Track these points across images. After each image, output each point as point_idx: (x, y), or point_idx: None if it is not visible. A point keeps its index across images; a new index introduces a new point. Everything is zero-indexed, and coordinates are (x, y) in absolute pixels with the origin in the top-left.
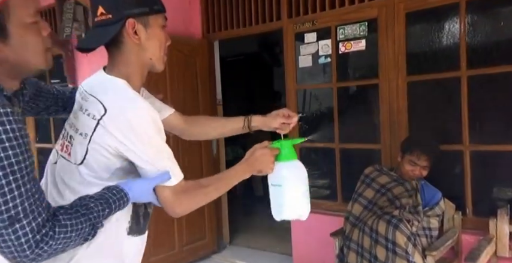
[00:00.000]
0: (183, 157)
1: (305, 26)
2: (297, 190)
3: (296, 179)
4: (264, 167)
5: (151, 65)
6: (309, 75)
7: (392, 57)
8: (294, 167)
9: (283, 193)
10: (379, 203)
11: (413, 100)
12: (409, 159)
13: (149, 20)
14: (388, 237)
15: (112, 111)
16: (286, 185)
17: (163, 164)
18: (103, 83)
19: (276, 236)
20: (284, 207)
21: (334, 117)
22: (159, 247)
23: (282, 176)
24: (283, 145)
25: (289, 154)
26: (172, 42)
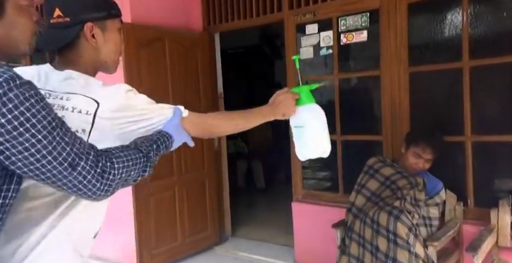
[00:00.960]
0: (185, 152)
1: (306, 18)
2: (318, 129)
3: (317, 119)
4: (287, 110)
5: (105, 67)
6: (311, 67)
7: (394, 48)
8: (313, 109)
9: (306, 133)
10: (382, 195)
11: (415, 91)
12: (413, 151)
13: (107, 24)
14: (389, 228)
15: (104, 102)
16: (308, 125)
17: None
18: (71, 79)
19: (277, 228)
20: (308, 146)
21: (336, 109)
22: (162, 239)
23: (304, 118)
24: (302, 90)
25: (308, 98)
26: (173, 36)
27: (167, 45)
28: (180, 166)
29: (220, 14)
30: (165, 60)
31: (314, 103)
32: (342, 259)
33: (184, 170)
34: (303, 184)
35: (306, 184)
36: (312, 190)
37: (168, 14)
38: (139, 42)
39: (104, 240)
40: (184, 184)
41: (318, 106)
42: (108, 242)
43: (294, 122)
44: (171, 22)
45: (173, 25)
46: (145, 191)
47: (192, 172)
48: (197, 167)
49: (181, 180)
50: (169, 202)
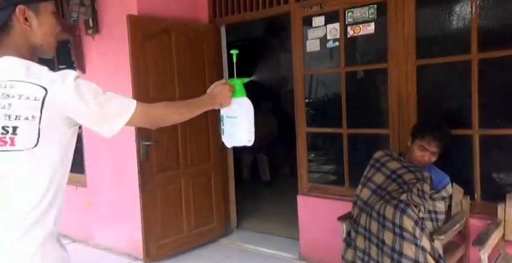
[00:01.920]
0: (191, 145)
1: (313, 10)
2: (248, 121)
3: (248, 112)
4: (224, 100)
5: (42, 51)
6: (317, 59)
7: (401, 41)
8: (246, 103)
9: (238, 123)
10: (388, 189)
11: (423, 84)
12: (419, 144)
13: (40, 7)
14: (395, 222)
15: (52, 88)
16: (240, 116)
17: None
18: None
19: (282, 220)
20: (238, 135)
21: (342, 102)
22: (168, 230)
23: (236, 109)
24: (236, 83)
25: (241, 91)
26: (179, 27)
27: (173, 37)
28: (186, 158)
29: (226, 6)
30: (172, 52)
31: (245, 97)
32: (347, 252)
33: (190, 163)
34: (309, 177)
35: (312, 177)
36: (317, 183)
37: (175, 6)
38: (145, 34)
39: (110, 230)
40: (190, 176)
41: (248, 100)
42: (114, 232)
43: (227, 112)
44: (177, 14)
45: (179, 17)
46: (152, 183)
47: (198, 164)
48: (203, 159)
49: (187, 172)
50: (175, 194)
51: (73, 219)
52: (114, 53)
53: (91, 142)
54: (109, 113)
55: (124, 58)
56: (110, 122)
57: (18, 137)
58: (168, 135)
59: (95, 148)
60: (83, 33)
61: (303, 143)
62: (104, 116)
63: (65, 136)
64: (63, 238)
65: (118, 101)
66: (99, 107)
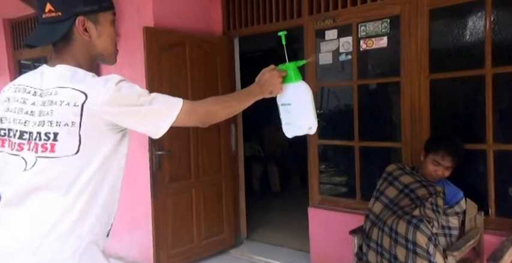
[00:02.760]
0: (202, 153)
1: (326, 23)
2: (305, 106)
3: (304, 96)
4: (274, 87)
5: (102, 59)
6: (329, 72)
7: (414, 55)
8: (300, 86)
9: (293, 110)
10: (400, 204)
11: (436, 98)
12: (432, 159)
13: (99, 17)
14: (408, 237)
15: (92, 93)
16: (295, 102)
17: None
18: (61, 73)
19: (293, 232)
20: (295, 123)
21: (354, 115)
22: (178, 240)
23: (291, 95)
24: (288, 67)
25: (295, 75)
26: (194, 39)
27: (188, 49)
28: (198, 168)
29: (240, 18)
30: (186, 63)
31: (301, 80)
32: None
33: (202, 173)
34: (320, 189)
35: (323, 189)
36: (328, 195)
37: (190, 18)
38: (161, 46)
39: (122, 239)
40: (201, 186)
41: (305, 83)
42: (126, 241)
43: (281, 100)
44: (192, 26)
45: (194, 29)
46: (164, 193)
47: (209, 175)
48: (214, 169)
49: (199, 182)
50: (186, 204)
51: None
52: (129, 64)
53: None
54: (154, 112)
55: (139, 69)
56: (157, 122)
57: (58, 144)
58: (180, 145)
59: None
60: None
61: (314, 155)
62: (149, 117)
63: (110, 142)
64: None
65: (163, 99)
66: (144, 108)
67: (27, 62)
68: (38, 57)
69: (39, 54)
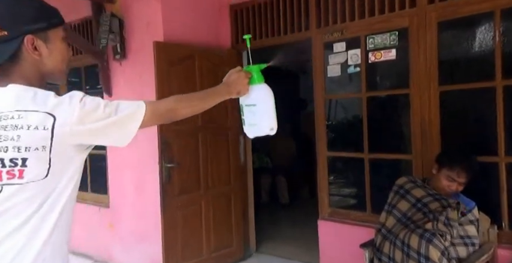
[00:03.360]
0: (211, 165)
1: (334, 36)
2: (268, 108)
3: (267, 98)
4: (241, 88)
5: (52, 78)
6: (338, 84)
7: (424, 67)
8: (264, 89)
9: (258, 111)
10: (413, 218)
11: (446, 110)
12: (447, 175)
13: (49, 35)
14: (420, 251)
15: (60, 114)
16: (260, 104)
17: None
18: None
19: (302, 245)
20: (259, 123)
21: (364, 127)
22: (188, 252)
23: (256, 97)
24: (253, 70)
25: (259, 78)
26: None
27: (197, 62)
28: (207, 180)
29: (248, 32)
30: (195, 76)
31: (264, 83)
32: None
33: (211, 185)
34: (330, 202)
35: (332, 201)
36: (338, 207)
37: (199, 32)
38: (171, 60)
39: (132, 250)
40: (210, 198)
41: (267, 86)
42: (136, 252)
43: (245, 101)
44: (201, 40)
45: (203, 43)
46: (173, 205)
47: (219, 187)
48: (223, 182)
49: (208, 194)
50: (195, 216)
51: (95, 239)
52: (140, 77)
53: (114, 163)
54: (121, 121)
55: (149, 82)
56: (124, 131)
57: (28, 169)
58: (190, 157)
59: (118, 169)
60: (111, 58)
61: (323, 167)
62: (116, 127)
63: (76, 161)
64: (85, 257)
65: (126, 106)
66: (111, 120)
67: None
68: None
69: None
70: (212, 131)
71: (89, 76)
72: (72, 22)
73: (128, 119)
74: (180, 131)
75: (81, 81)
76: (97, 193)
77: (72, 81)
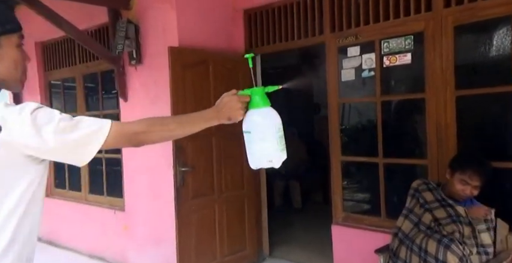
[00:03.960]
0: (224, 169)
1: (348, 40)
2: (266, 136)
3: (266, 125)
4: (232, 113)
5: (6, 86)
6: (352, 88)
7: (440, 71)
8: (264, 113)
9: (253, 139)
10: (424, 221)
11: (463, 115)
12: (460, 178)
13: (1, 41)
14: (438, 257)
15: (7, 125)
16: (255, 131)
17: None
18: None
19: (315, 249)
20: (255, 154)
21: (378, 131)
22: (202, 256)
23: (252, 123)
24: (255, 92)
25: (261, 101)
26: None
27: (211, 67)
28: (221, 184)
29: (262, 36)
30: (209, 81)
31: (268, 107)
32: None
33: (225, 189)
34: (343, 206)
35: (346, 205)
36: (352, 212)
37: (213, 37)
38: (185, 65)
39: (146, 254)
40: (224, 202)
41: (273, 110)
42: (150, 256)
43: (243, 127)
44: (215, 45)
45: (217, 48)
46: (188, 208)
47: (232, 191)
48: (237, 186)
49: (222, 198)
50: (209, 220)
51: (111, 242)
52: (155, 82)
53: (130, 167)
54: (79, 139)
55: (164, 87)
56: (82, 150)
57: None
58: (203, 161)
59: (133, 173)
60: (127, 63)
61: (337, 171)
62: (72, 145)
63: (31, 172)
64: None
65: (89, 124)
66: (63, 138)
67: (57, 82)
68: (67, 77)
69: (69, 74)
70: (225, 135)
71: (105, 81)
72: (89, 29)
73: (87, 138)
74: (194, 136)
75: (98, 86)
76: (112, 197)
77: (89, 86)
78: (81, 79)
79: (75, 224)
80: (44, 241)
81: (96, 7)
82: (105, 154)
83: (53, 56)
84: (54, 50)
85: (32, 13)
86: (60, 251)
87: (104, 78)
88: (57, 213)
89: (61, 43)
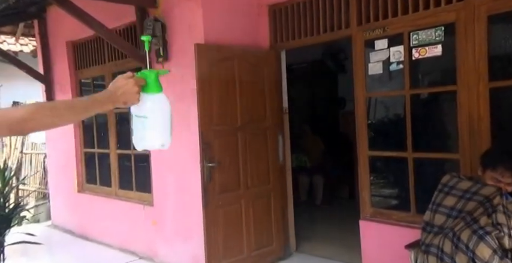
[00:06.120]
0: (250, 165)
1: (375, 33)
2: (161, 121)
3: (162, 111)
4: (128, 97)
5: None
6: (379, 82)
7: (472, 63)
8: (159, 100)
9: (148, 124)
10: (466, 209)
11: (497, 107)
12: (491, 176)
13: None
14: (469, 245)
15: None
16: (152, 116)
17: None
18: None
19: (342, 245)
20: (148, 137)
21: (407, 125)
22: (229, 250)
23: (148, 108)
24: (148, 76)
25: (155, 86)
26: (242, 54)
27: (236, 63)
28: (247, 179)
29: (287, 31)
30: (234, 77)
31: (161, 93)
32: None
33: (251, 184)
34: (371, 202)
35: (373, 201)
36: (380, 208)
37: (238, 33)
38: (211, 61)
39: (174, 248)
40: (250, 197)
41: (165, 96)
42: (178, 250)
43: (136, 111)
44: (240, 41)
45: (242, 44)
46: (215, 203)
47: (258, 186)
48: (263, 181)
49: (248, 193)
50: (236, 215)
51: (140, 237)
52: (181, 78)
53: (158, 163)
54: None
55: (190, 83)
56: None
57: None
58: (229, 157)
59: (162, 169)
60: (154, 61)
61: (365, 166)
62: None
63: None
64: (130, 254)
65: None
66: None
67: (87, 81)
68: (97, 76)
69: (98, 73)
70: (251, 130)
71: None
72: (118, 27)
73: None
74: (220, 131)
75: None
76: (141, 192)
77: None
78: (110, 77)
79: (106, 219)
80: (76, 235)
81: (124, 6)
82: (134, 150)
83: (83, 55)
84: (85, 49)
85: (63, 13)
86: (91, 245)
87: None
88: (89, 208)
89: (91, 42)
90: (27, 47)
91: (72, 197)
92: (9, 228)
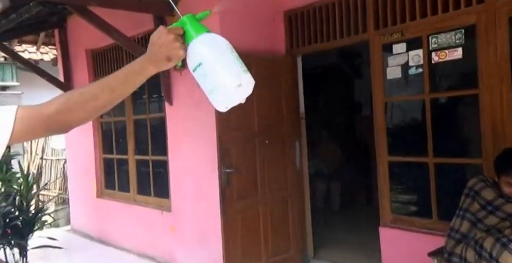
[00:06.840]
0: (267, 171)
1: (393, 37)
2: (221, 59)
3: (216, 48)
4: (170, 50)
5: None
6: (398, 86)
7: (494, 65)
8: (208, 38)
9: (208, 69)
10: (485, 222)
11: None
12: (505, 181)
13: None
14: (492, 254)
15: None
16: (205, 60)
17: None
18: None
19: (360, 251)
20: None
21: (427, 130)
22: (247, 256)
23: (198, 54)
24: (184, 22)
25: (198, 28)
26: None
27: (253, 69)
28: (264, 185)
29: (303, 37)
30: None
31: (206, 32)
32: None
33: (268, 190)
34: (391, 208)
35: (394, 207)
36: (400, 214)
37: (254, 39)
38: None
39: (193, 254)
40: (267, 203)
41: (213, 34)
42: (196, 256)
43: (190, 65)
44: (256, 47)
45: (258, 49)
46: (232, 209)
47: (276, 192)
48: (280, 187)
49: (265, 199)
50: (253, 221)
51: (158, 242)
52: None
53: (175, 168)
54: None
55: None
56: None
57: None
58: (247, 163)
59: (179, 174)
60: (172, 68)
61: (384, 172)
62: None
63: None
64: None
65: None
66: None
67: None
68: None
69: None
70: (268, 136)
71: (151, 86)
72: (136, 36)
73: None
74: (238, 137)
75: (144, 90)
76: (159, 197)
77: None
78: None
79: (125, 224)
80: (95, 240)
81: (142, 15)
82: (152, 156)
83: (103, 63)
84: (104, 57)
85: (83, 22)
86: (110, 250)
87: (150, 83)
88: (107, 213)
89: (110, 50)
90: (47, 55)
91: (91, 202)
92: (32, 232)
